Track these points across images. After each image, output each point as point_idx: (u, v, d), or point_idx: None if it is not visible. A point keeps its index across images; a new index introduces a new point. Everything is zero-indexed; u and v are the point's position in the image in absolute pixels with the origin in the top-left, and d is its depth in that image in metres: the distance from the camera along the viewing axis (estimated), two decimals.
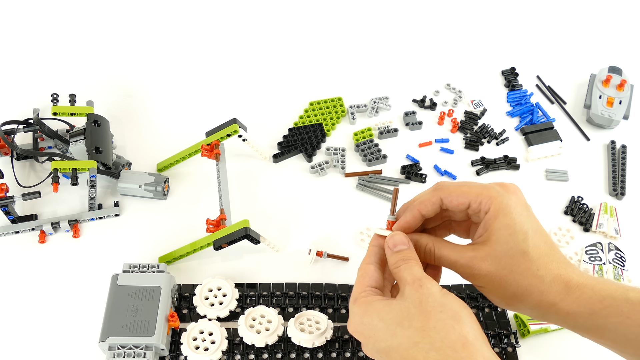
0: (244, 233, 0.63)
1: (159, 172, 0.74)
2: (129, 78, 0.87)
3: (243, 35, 0.95)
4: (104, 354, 0.58)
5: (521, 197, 0.49)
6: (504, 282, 0.47)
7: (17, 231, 0.69)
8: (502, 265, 0.46)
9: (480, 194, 0.48)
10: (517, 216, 0.46)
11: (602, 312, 0.45)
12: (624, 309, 0.44)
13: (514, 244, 0.46)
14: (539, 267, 0.46)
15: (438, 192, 0.50)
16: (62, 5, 0.96)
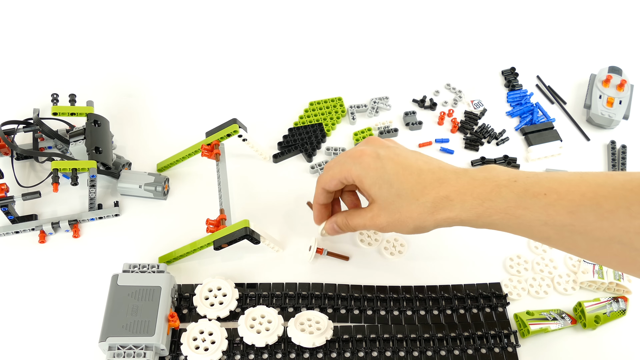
0: (244, 233, 0.63)
1: (159, 172, 0.74)
2: (129, 78, 0.87)
3: (243, 35, 0.95)
4: (104, 354, 0.58)
5: (370, 152, 0.57)
6: (402, 222, 0.56)
7: (17, 231, 0.69)
8: (392, 212, 0.56)
9: (340, 172, 0.59)
10: (373, 173, 0.56)
11: (485, 213, 0.52)
12: (501, 206, 0.51)
13: (387, 194, 0.56)
14: (417, 197, 0.54)
15: (319, 185, 0.62)
16: (62, 5, 0.96)
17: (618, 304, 0.65)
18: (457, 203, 0.53)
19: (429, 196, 0.54)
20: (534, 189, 0.50)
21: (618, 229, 0.46)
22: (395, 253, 0.70)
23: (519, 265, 0.70)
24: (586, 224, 0.47)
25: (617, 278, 0.67)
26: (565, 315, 0.64)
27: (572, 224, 0.48)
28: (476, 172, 0.54)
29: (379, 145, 0.59)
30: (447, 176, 0.54)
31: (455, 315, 0.65)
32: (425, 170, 0.55)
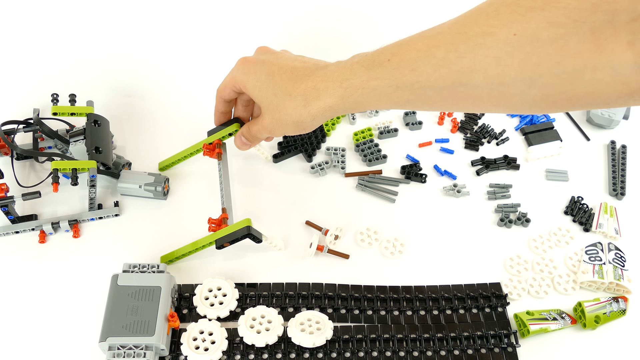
0: (247, 232, 0.63)
1: (161, 172, 0.74)
2: (129, 78, 0.87)
3: (243, 35, 0.95)
4: (104, 354, 0.58)
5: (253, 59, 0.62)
6: (282, 120, 0.59)
7: (17, 231, 0.69)
8: (273, 111, 0.59)
9: (229, 81, 0.63)
10: (253, 77, 0.60)
11: (347, 93, 0.54)
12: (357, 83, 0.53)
13: (265, 94, 0.59)
14: (290, 93, 0.57)
15: (217, 94, 0.67)
16: (62, 5, 0.96)
17: (618, 304, 0.65)
18: (323, 91, 0.55)
19: (300, 89, 0.56)
20: (379, 57, 0.52)
21: (455, 73, 0.48)
22: (395, 253, 0.70)
23: (519, 265, 0.70)
24: (428, 77, 0.49)
25: (617, 278, 0.67)
26: (565, 315, 0.64)
27: (418, 80, 0.50)
28: (342, 61, 0.56)
29: (264, 51, 0.63)
30: (317, 69, 0.57)
31: (455, 315, 0.65)
32: (299, 68, 0.58)
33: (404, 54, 0.51)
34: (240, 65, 0.62)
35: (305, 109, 0.56)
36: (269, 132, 0.62)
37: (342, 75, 0.54)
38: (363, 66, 0.53)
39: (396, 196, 0.75)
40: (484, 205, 0.76)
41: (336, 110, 0.56)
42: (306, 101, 0.56)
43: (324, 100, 0.55)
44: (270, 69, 0.59)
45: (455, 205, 0.75)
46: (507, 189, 0.77)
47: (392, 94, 0.52)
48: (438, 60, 0.48)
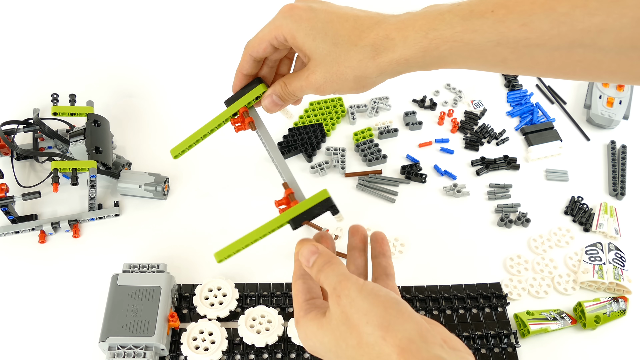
0: (329, 204, 0.50)
1: (175, 158, 0.61)
2: (129, 78, 0.87)
3: (243, 35, 0.95)
4: (104, 354, 0.58)
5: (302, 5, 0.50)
6: (341, 74, 0.49)
7: (17, 231, 0.69)
8: (329, 64, 0.49)
9: (270, 31, 0.51)
10: (306, 24, 0.49)
11: (431, 46, 0.46)
12: (447, 34, 0.45)
13: (322, 44, 0.49)
14: (355, 42, 0.48)
15: (246, 51, 0.54)
16: (62, 5, 0.96)
17: (618, 304, 0.65)
18: (399, 41, 0.47)
19: (368, 39, 0.48)
20: (479, 7, 0.45)
21: (578, 32, 0.42)
22: (395, 253, 0.70)
23: (519, 265, 0.70)
24: (542, 34, 0.43)
25: (617, 278, 0.67)
26: (565, 315, 0.64)
27: (527, 37, 0.43)
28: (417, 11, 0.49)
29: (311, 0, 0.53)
30: (386, 17, 0.49)
31: (455, 315, 0.65)
32: (362, 16, 0.49)
33: (512, 6, 0.43)
34: (286, 12, 0.51)
35: (374, 61, 0.48)
36: (316, 89, 0.51)
37: (427, 24, 0.46)
38: (457, 16, 0.45)
39: (396, 196, 0.75)
40: (484, 205, 0.76)
41: (411, 65, 0.48)
42: (376, 52, 0.47)
43: (400, 51, 0.47)
44: (327, 17, 0.49)
45: (455, 205, 0.75)
46: (507, 189, 0.77)
47: (489, 50, 0.45)
48: (559, 15, 0.41)
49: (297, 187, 0.54)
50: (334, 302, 0.41)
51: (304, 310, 0.44)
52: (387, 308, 0.39)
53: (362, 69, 0.48)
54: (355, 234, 0.51)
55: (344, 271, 0.42)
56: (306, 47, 0.50)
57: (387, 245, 0.50)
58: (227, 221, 0.72)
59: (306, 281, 0.47)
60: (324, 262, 0.44)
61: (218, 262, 0.50)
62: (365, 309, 0.39)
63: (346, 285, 0.41)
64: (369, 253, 0.51)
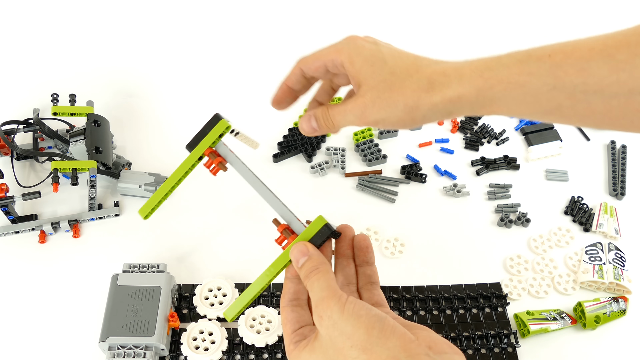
0: (330, 230, 0.49)
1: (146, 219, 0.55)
2: (129, 78, 0.87)
3: (243, 35, 0.95)
4: (104, 354, 0.58)
5: (367, 38, 0.51)
6: (392, 101, 0.48)
7: (17, 231, 0.69)
8: (382, 90, 0.48)
9: (329, 53, 0.51)
10: (367, 52, 0.49)
11: (486, 85, 0.45)
12: (502, 75, 0.45)
13: (379, 70, 0.48)
14: (412, 74, 0.48)
15: (298, 64, 0.53)
16: (62, 5, 0.96)
17: (618, 304, 0.65)
18: (454, 77, 0.46)
19: (425, 73, 0.47)
20: (537, 52, 0.45)
21: (637, 79, 0.41)
22: (396, 253, 0.70)
23: (519, 265, 0.70)
24: (600, 80, 0.42)
25: (617, 278, 0.67)
26: (565, 315, 0.64)
27: (585, 82, 0.43)
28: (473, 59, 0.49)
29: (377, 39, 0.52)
30: (444, 61, 0.49)
31: (455, 315, 0.65)
32: (422, 57, 0.49)
33: (570, 52, 0.43)
34: (350, 40, 0.50)
35: (427, 94, 0.47)
36: (361, 114, 0.49)
37: (484, 64, 0.46)
38: (514, 58, 0.45)
39: (396, 196, 0.75)
40: (484, 205, 0.76)
41: (464, 104, 0.47)
42: (431, 85, 0.47)
43: (454, 87, 0.46)
44: (389, 50, 0.50)
45: (455, 205, 0.75)
46: (507, 189, 0.77)
47: (544, 95, 0.44)
48: (619, 63, 0.42)
49: (292, 217, 0.51)
50: (318, 323, 0.41)
51: (293, 342, 0.44)
52: (368, 329, 0.39)
53: (415, 99, 0.47)
54: (343, 239, 0.50)
55: (329, 284, 0.42)
56: (362, 73, 0.49)
57: (371, 253, 0.50)
58: (227, 221, 0.72)
59: (294, 309, 0.46)
60: (312, 267, 0.44)
61: (230, 320, 0.48)
62: (349, 332, 0.39)
63: (328, 304, 0.40)
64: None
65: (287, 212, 0.51)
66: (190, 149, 0.54)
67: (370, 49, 0.49)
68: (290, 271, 0.47)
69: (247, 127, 0.83)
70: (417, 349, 0.38)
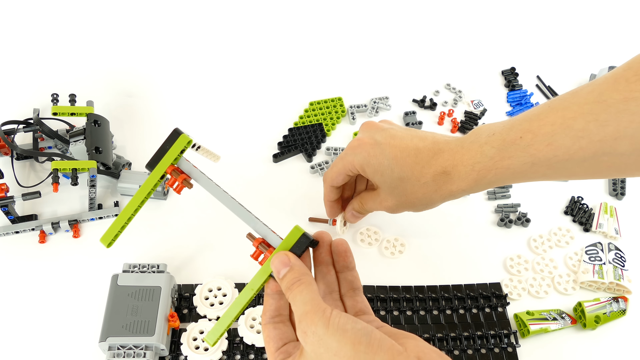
0: (308, 240, 0.48)
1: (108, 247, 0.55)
2: (129, 78, 0.87)
3: (243, 35, 0.95)
4: (104, 354, 0.58)
5: (368, 141, 0.58)
6: (409, 203, 0.58)
7: (17, 231, 0.69)
8: (398, 195, 0.58)
9: (344, 166, 0.60)
10: (374, 161, 0.57)
11: (479, 176, 0.53)
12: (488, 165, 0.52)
13: (390, 180, 0.57)
14: (418, 178, 0.56)
15: (326, 183, 0.64)
16: (62, 5, 0.96)
17: (618, 304, 0.65)
18: (455, 175, 0.54)
19: (429, 174, 0.55)
20: (510, 136, 0.50)
21: (596, 143, 0.46)
22: (396, 253, 0.70)
23: (519, 265, 0.70)
24: (566, 150, 0.47)
25: (617, 278, 0.67)
26: (565, 315, 0.64)
27: (555, 155, 0.48)
28: (465, 139, 0.55)
29: (375, 130, 0.59)
30: (440, 147, 0.55)
31: (455, 315, 0.65)
32: (422, 149, 0.56)
33: (536, 130, 0.49)
34: (356, 149, 0.58)
35: (437, 193, 0.56)
36: (390, 211, 0.61)
37: (472, 158, 0.53)
38: (493, 147, 0.51)
39: None
40: (484, 205, 0.76)
41: (467, 191, 0.55)
42: (437, 186, 0.55)
43: (457, 184, 0.54)
44: (392, 152, 0.56)
45: (455, 205, 0.75)
46: (507, 189, 0.77)
47: (528, 170, 0.50)
48: (577, 131, 0.46)
49: (267, 230, 0.50)
50: (302, 339, 0.41)
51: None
52: (355, 344, 0.38)
53: (428, 198, 0.57)
54: (321, 246, 0.50)
55: (313, 296, 0.42)
56: (375, 180, 0.58)
57: (351, 257, 0.50)
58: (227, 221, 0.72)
59: (276, 326, 0.46)
60: (294, 279, 0.44)
61: (212, 345, 0.48)
62: (335, 348, 0.39)
63: (312, 320, 0.40)
64: None
65: (261, 225, 0.50)
66: (150, 168, 0.52)
67: (376, 155, 0.57)
68: (270, 287, 0.47)
69: (247, 127, 0.84)
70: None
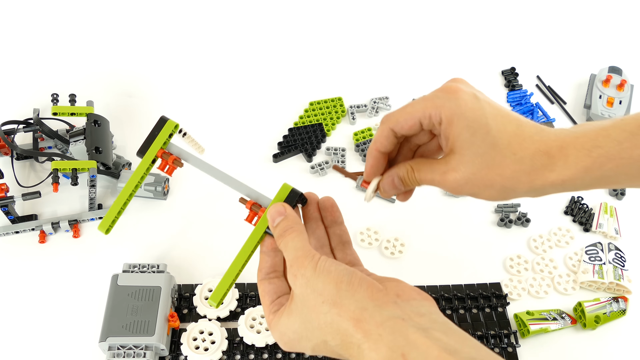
0: (297, 195, 0.49)
1: (107, 233, 0.52)
2: (129, 78, 0.87)
3: (243, 35, 0.95)
4: (104, 354, 0.58)
5: (467, 90, 0.45)
6: (488, 180, 0.44)
7: (17, 231, 0.69)
8: (479, 166, 0.44)
9: (425, 108, 0.45)
10: (470, 114, 0.44)
11: (595, 165, 0.42)
12: (613, 151, 0.41)
13: (480, 142, 0.44)
14: (515, 151, 0.44)
15: (386, 124, 0.47)
16: (62, 5, 0.96)
17: (618, 304, 0.65)
18: (559, 160, 0.43)
19: (528, 150, 0.43)
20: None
21: None
22: (396, 253, 0.70)
23: (519, 265, 0.70)
24: None
25: (617, 278, 0.67)
26: (565, 315, 0.64)
27: None
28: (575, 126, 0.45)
29: (471, 86, 0.47)
30: (544, 130, 0.44)
31: (455, 315, 0.65)
32: (524, 122, 0.45)
33: None
34: (451, 94, 0.45)
35: (529, 177, 0.43)
36: (452, 188, 0.46)
37: (590, 141, 0.42)
38: (625, 130, 0.41)
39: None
40: (484, 205, 0.76)
41: (567, 186, 0.44)
42: (533, 167, 0.43)
43: (559, 171, 0.43)
44: (493, 112, 0.45)
45: (455, 205, 0.75)
46: None
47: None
48: None
49: (257, 193, 0.51)
50: (292, 282, 0.42)
51: (272, 312, 0.45)
52: (337, 283, 0.39)
53: (514, 181, 0.44)
54: (309, 204, 0.50)
55: (304, 244, 0.43)
56: (460, 139, 0.44)
57: (338, 212, 0.50)
58: (227, 221, 0.72)
59: (271, 281, 0.47)
60: (287, 226, 0.44)
61: (216, 307, 0.49)
62: (320, 288, 0.40)
63: (302, 263, 0.41)
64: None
65: (252, 190, 0.52)
66: (141, 155, 0.54)
67: (473, 108, 0.44)
68: (265, 245, 0.48)
69: (247, 127, 0.83)
70: (384, 298, 0.38)
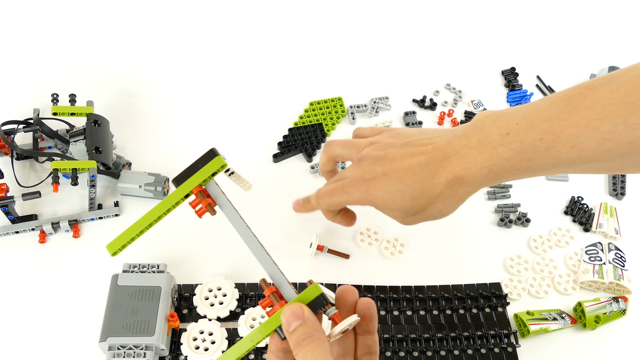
0: (324, 303, 0.43)
1: (114, 255, 0.51)
2: (129, 78, 0.87)
3: (243, 35, 0.95)
4: (104, 354, 0.58)
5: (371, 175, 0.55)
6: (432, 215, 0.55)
7: (17, 231, 0.69)
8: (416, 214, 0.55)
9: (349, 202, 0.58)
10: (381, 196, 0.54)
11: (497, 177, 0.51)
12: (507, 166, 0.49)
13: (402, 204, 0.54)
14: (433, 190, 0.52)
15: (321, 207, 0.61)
16: (62, 5, 0.96)
17: (618, 304, 0.65)
18: (469, 178, 0.51)
19: (441, 184, 0.52)
20: (528, 138, 0.48)
21: (625, 145, 0.44)
22: (395, 253, 0.70)
23: (519, 265, 0.70)
24: (592, 152, 0.45)
25: (617, 278, 0.67)
26: (565, 315, 0.64)
27: (580, 157, 0.46)
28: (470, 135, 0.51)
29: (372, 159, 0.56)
30: (448, 155, 0.52)
31: (455, 315, 0.65)
32: (423, 161, 0.53)
33: (558, 131, 0.46)
34: (359, 187, 0.55)
35: (454, 198, 0.53)
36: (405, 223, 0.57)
37: (487, 160, 0.50)
38: (511, 149, 0.48)
39: None
40: (484, 205, 0.76)
41: (481, 188, 0.54)
42: (452, 191, 0.52)
43: (472, 184, 0.52)
44: (396, 176, 0.53)
45: None
46: (507, 189, 0.77)
47: (548, 170, 0.49)
48: (603, 134, 0.44)
49: (283, 280, 0.44)
50: None
51: None
52: None
53: (448, 207, 0.54)
54: (343, 305, 0.46)
55: (325, 356, 0.38)
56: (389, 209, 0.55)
57: (375, 321, 0.46)
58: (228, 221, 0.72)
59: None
60: (306, 334, 0.40)
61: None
62: None
63: None
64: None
65: (278, 272, 0.45)
66: (177, 183, 0.47)
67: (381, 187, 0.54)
68: (275, 343, 0.43)
69: (247, 127, 0.83)
70: None
